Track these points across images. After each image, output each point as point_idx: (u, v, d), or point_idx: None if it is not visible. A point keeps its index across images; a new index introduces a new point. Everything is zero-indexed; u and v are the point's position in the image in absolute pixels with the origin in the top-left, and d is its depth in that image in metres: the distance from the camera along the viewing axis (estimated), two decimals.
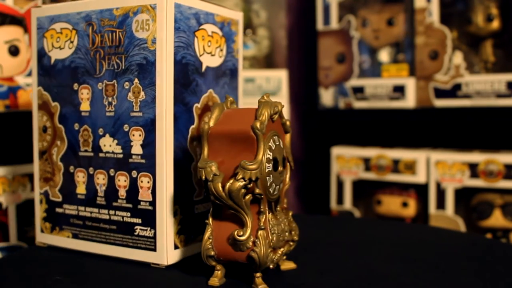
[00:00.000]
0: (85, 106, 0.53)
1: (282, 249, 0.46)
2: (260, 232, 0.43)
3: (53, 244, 0.56)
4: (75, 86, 0.54)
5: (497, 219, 0.89)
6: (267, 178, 0.43)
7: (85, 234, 0.54)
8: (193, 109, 0.51)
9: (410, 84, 0.96)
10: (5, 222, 0.77)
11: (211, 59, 0.53)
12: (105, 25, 0.52)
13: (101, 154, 0.52)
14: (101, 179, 0.52)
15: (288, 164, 0.49)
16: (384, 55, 1.01)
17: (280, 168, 0.45)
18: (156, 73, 0.48)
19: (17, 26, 0.78)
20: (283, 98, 1.12)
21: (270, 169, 0.43)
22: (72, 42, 0.54)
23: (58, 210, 0.56)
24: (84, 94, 0.53)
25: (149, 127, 0.49)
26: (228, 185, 0.42)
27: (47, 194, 0.57)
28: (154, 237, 0.49)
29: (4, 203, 0.76)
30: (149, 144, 0.49)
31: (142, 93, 0.49)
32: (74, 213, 0.54)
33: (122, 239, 0.51)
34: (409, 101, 0.96)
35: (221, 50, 0.55)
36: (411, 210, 0.98)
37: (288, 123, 0.48)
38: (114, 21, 0.51)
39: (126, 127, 0.50)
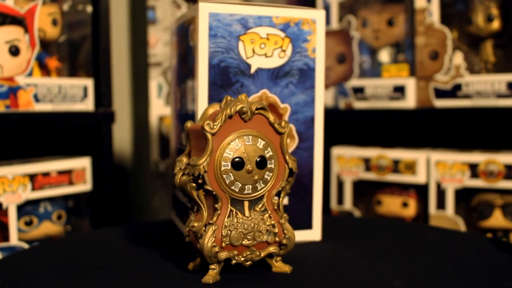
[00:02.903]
0: (177, 105, 0.64)
1: (253, 248, 0.47)
2: (208, 226, 0.46)
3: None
4: (177, 87, 0.65)
5: (497, 219, 0.88)
6: (224, 176, 0.45)
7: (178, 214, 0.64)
8: None
9: (410, 85, 0.96)
10: (5, 222, 0.77)
11: (265, 61, 0.56)
12: (181, 36, 0.61)
13: None
14: None
15: (285, 165, 0.48)
16: (384, 55, 1.01)
17: (249, 167, 0.46)
18: (194, 76, 0.55)
19: (17, 26, 0.78)
20: None
21: (228, 168, 0.45)
22: (175, 51, 0.65)
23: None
24: (178, 94, 0.64)
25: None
26: (179, 179, 0.46)
27: None
28: None
29: (4, 203, 0.76)
30: None
31: (191, 94, 0.57)
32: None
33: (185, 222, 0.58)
34: (409, 101, 0.96)
35: (283, 50, 0.57)
36: (411, 210, 0.98)
37: (283, 123, 0.48)
38: (183, 32, 0.60)
39: None
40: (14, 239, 0.77)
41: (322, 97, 0.59)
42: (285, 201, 0.59)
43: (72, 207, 0.88)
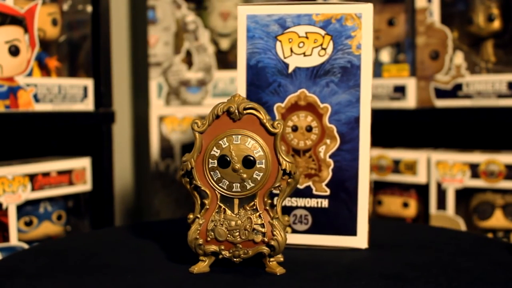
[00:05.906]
0: None
1: (239, 245, 0.48)
2: (196, 219, 0.49)
3: None
4: None
5: (498, 219, 0.88)
6: (211, 173, 0.48)
7: None
8: (273, 108, 0.57)
9: (411, 84, 0.96)
10: (5, 222, 0.77)
11: (304, 60, 0.56)
12: None
13: None
14: None
15: (278, 166, 0.48)
16: (384, 55, 1.01)
17: (237, 166, 0.47)
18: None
19: (17, 26, 0.78)
20: None
21: (215, 165, 0.48)
22: None
23: None
24: None
25: None
26: (179, 173, 0.49)
27: None
28: None
29: (4, 203, 0.76)
30: None
31: None
32: None
33: None
34: (410, 101, 0.96)
35: (324, 48, 0.55)
36: (411, 210, 0.98)
37: (276, 124, 0.47)
38: None
39: None
40: (14, 240, 0.77)
41: (369, 96, 0.57)
42: (325, 204, 0.57)
43: (72, 207, 0.88)
